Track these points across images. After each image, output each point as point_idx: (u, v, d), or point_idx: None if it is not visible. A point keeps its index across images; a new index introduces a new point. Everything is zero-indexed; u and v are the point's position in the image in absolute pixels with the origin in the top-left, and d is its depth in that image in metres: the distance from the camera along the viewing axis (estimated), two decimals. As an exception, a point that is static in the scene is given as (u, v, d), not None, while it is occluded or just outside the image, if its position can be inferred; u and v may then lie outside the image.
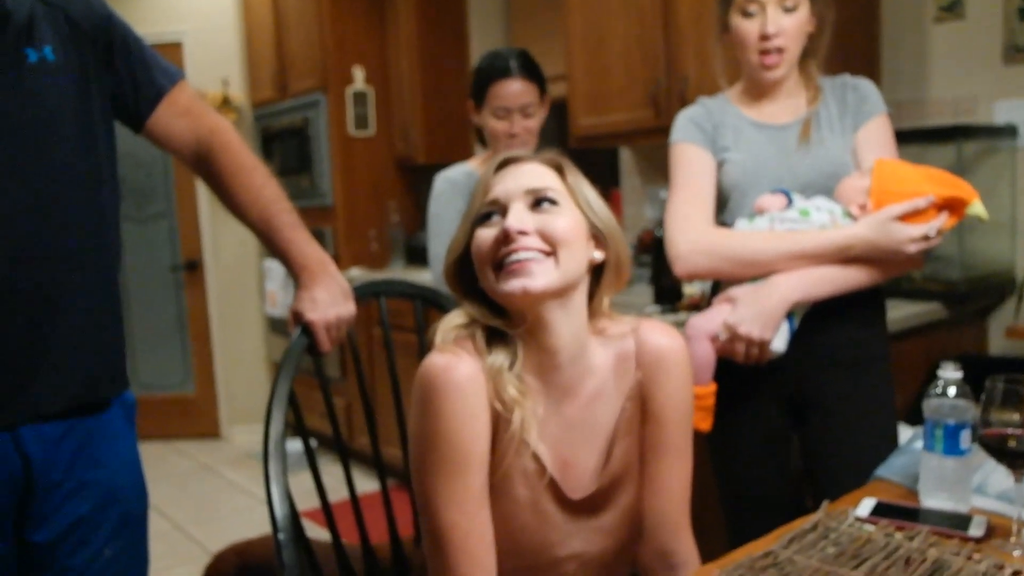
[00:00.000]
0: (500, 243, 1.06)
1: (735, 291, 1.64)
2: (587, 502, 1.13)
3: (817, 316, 1.63)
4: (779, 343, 1.61)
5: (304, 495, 1.93)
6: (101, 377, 1.34)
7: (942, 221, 1.56)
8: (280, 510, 1.25)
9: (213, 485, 4.20)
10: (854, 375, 1.67)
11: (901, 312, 2.29)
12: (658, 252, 2.64)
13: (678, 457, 1.17)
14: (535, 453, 1.09)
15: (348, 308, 1.46)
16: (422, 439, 1.07)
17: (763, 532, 1.15)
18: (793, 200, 1.64)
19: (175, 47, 4.66)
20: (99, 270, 1.33)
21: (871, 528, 1.13)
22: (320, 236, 4.03)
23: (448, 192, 2.14)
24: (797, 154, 1.68)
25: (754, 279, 1.62)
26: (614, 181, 3.52)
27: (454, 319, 1.13)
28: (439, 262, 1.98)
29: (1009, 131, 2.45)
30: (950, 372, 1.19)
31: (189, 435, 4.93)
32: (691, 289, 2.67)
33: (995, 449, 1.09)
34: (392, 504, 1.52)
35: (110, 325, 1.36)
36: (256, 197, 1.45)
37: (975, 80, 2.53)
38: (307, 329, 1.43)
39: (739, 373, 1.64)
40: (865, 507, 1.19)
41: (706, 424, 1.63)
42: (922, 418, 1.21)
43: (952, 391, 1.18)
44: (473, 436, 1.05)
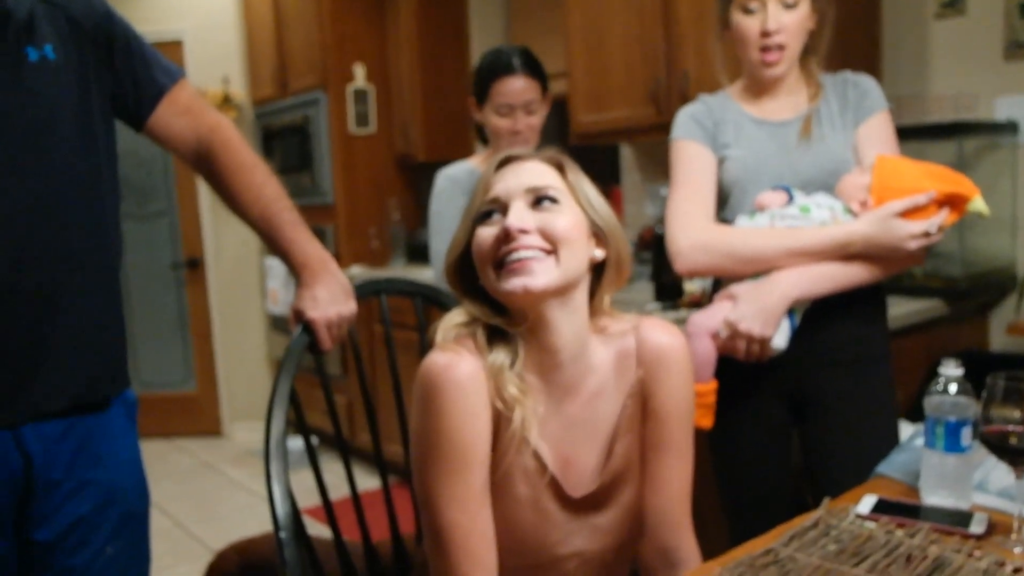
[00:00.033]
0: (501, 241, 1.06)
1: (736, 288, 1.64)
2: (588, 500, 1.13)
3: (818, 313, 1.63)
4: (780, 340, 1.61)
5: (305, 493, 1.93)
6: (102, 376, 1.34)
7: (943, 217, 1.56)
8: (281, 508, 1.25)
9: (214, 483, 4.20)
10: (855, 372, 1.67)
11: (902, 309, 2.29)
12: (659, 249, 2.64)
13: (679, 455, 1.17)
14: (536, 451, 1.09)
15: (349, 306, 1.46)
16: (423, 438, 1.07)
17: (764, 529, 1.15)
18: (794, 197, 1.64)
19: (175, 45, 4.66)
20: (99, 269, 1.33)
21: (872, 525, 1.13)
22: (321, 234, 4.04)
23: (449, 190, 2.13)
24: (798, 151, 1.68)
25: (755, 276, 1.62)
26: (615, 178, 3.52)
27: (455, 317, 1.14)
28: (440, 260, 1.98)
29: (1010, 127, 2.45)
30: (951, 369, 1.19)
31: (190, 433, 4.94)
32: (692, 286, 2.67)
33: (996, 446, 1.09)
34: (393, 502, 1.52)
35: (111, 324, 1.36)
36: (257, 195, 1.45)
37: (976, 76, 2.53)
38: (308, 327, 1.43)
39: (740, 370, 1.64)
40: (866, 504, 1.18)
41: (707, 421, 1.63)
42: (923, 415, 1.20)
43: (953, 388, 1.18)
44: (474, 435, 1.06)
